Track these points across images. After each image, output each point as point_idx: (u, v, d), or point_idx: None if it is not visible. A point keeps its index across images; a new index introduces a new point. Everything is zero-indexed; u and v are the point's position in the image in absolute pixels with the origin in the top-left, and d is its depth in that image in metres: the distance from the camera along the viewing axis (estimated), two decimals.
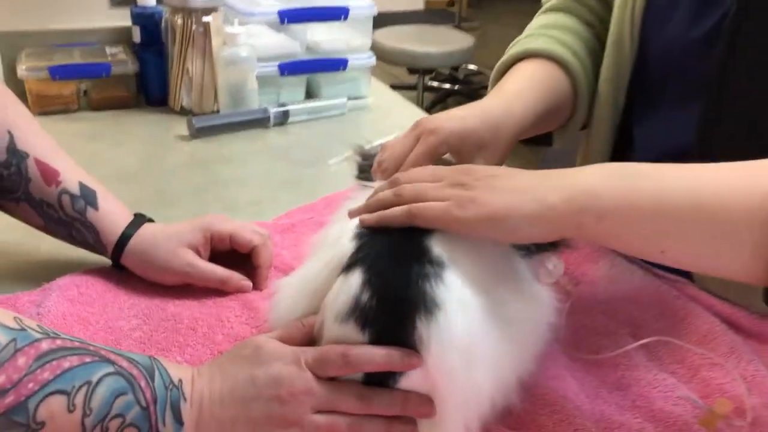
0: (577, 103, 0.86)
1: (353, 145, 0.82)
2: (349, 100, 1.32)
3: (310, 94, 1.35)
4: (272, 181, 1.05)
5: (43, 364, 0.49)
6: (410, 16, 4.28)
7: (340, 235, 0.60)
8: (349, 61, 1.33)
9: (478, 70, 4.34)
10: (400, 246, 0.56)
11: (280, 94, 1.30)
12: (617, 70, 0.84)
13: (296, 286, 0.61)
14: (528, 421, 0.60)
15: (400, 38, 3.51)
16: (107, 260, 0.78)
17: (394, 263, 0.55)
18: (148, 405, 0.52)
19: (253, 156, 1.14)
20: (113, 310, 0.72)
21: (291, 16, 1.25)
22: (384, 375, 0.53)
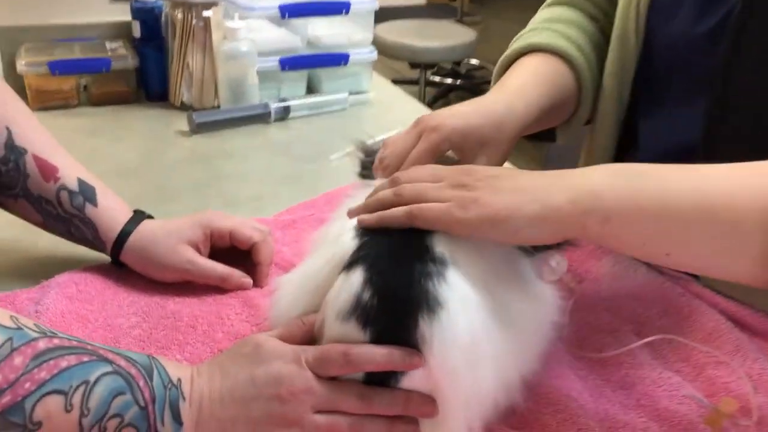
0: (581, 98, 0.85)
1: (355, 141, 0.81)
2: (351, 95, 1.31)
3: (311, 89, 1.34)
4: (273, 176, 1.05)
5: (40, 364, 0.48)
6: (412, 11, 4.27)
7: (341, 233, 0.59)
8: (351, 56, 1.32)
9: (480, 65, 4.32)
10: (402, 244, 0.55)
11: (281, 89, 1.29)
12: (622, 65, 0.83)
13: (297, 284, 0.61)
14: (531, 420, 0.59)
15: (401, 33, 3.49)
16: (106, 257, 0.77)
17: (396, 261, 0.54)
18: (147, 405, 0.51)
19: (253, 151, 1.13)
20: (112, 307, 0.72)
21: (292, 11, 1.25)
22: (385, 374, 0.53)
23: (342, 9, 1.28)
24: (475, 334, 0.52)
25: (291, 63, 1.27)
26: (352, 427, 0.53)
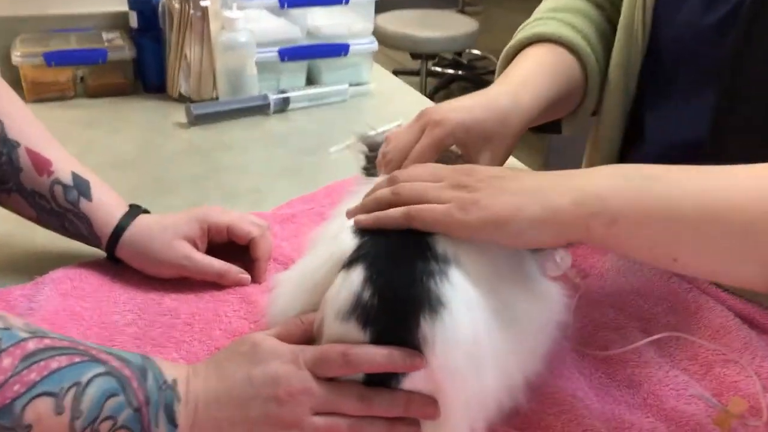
0: (587, 88, 0.83)
1: (355, 133, 0.80)
2: (351, 86, 1.29)
3: (310, 80, 1.33)
4: (272, 169, 1.03)
5: (30, 365, 0.47)
6: (413, 1, 4.24)
7: (340, 230, 0.57)
8: (351, 47, 1.31)
9: (482, 55, 4.30)
10: (404, 242, 0.54)
11: (280, 81, 1.28)
12: (628, 56, 0.81)
13: (295, 282, 0.59)
14: (536, 421, 0.58)
15: (402, 23, 3.47)
16: (102, 252, 0.76)
17: (398, 260, 0.53)
18: (141, 406, 0.50)
19: (252, 144, 1.12)
20: (108, 304, 0.71)
21: (291, 0, 1.23)
22: (386, 375, 0.51)
23: None
24: (478, 334, 0.51)
25: (290, 54, 1.26)
26: (351, 429, 0.52)
